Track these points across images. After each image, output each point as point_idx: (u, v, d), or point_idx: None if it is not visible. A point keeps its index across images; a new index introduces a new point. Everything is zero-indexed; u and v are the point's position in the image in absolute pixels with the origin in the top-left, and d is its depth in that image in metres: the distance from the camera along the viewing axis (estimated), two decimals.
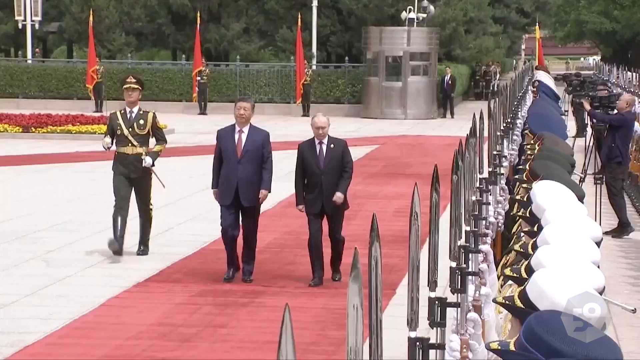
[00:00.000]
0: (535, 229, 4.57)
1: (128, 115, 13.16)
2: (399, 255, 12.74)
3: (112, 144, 13.11)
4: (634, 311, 9.24)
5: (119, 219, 12.87)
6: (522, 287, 3.17)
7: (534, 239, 4.15)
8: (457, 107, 45.44)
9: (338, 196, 11.68)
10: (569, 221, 4.20)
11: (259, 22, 51.32)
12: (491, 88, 51.99)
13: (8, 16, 49.33)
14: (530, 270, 3.55)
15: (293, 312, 8.97)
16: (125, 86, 13.36)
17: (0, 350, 9.57)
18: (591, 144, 18.82)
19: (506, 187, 8.16)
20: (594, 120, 17.71)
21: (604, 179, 16.52)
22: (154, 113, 13.50)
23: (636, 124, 18.21)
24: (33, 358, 9.45)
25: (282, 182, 21.62)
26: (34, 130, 31.49)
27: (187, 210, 17.19)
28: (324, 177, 11.69)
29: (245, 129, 11.88)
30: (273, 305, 11.14)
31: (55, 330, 10.25)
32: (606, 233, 16.43)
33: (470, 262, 4.42)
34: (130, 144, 13.02)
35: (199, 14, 45.56)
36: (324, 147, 11.78)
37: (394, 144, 31.32)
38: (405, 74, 43.08)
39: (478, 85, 56.39)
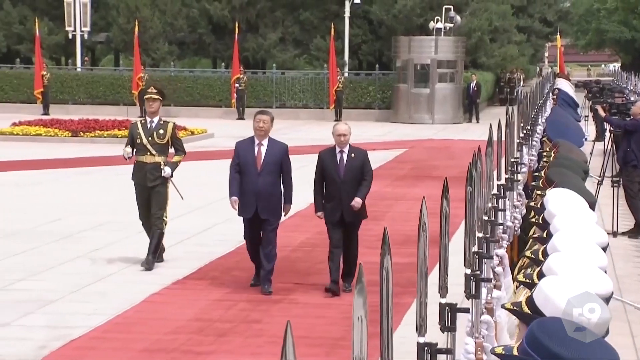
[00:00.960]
0: (545, 235, 4.54)
1: (148, 125, 12.69)
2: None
3: (132, 153, 12.72)
4: None
5: (150, 230, 12.72)
6: (530, 294, 3.16)
7: (544, 246, 4.12)
8: (482, 112, 45.28)
9: (356, 200, 11.13)
10: (576, 228, 4.17)
11: (294, 32, 51.37)
12: (515, 94, 51.76)
13: (59, 27, 49.62)
14: (541, 277, 3.49)
15: (323, 309, 9.07)
16: (146, 96, 12.93)
17: (47, 344, 9.62)
18: (609, 147, 18.69)
19: (523, 193, 8.07)
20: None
21: (621, 182, 16.46)
22: (173, 123, 13.04)
23: None
24: (77, 351, 9.44)
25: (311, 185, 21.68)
26: (82, 134, 31.63)
27: (222, 211, 17.12)
28: (343, 186, 11.13)
29: (265, 142, 11.37)
30: (304, 302, 11.17)
31: (98, 325, 10.29)
32: (623, 233, 16.39)
33: (483, 268, 4.41)
34: (149, 153, 12.58)
35: (237, 25, 45.63)
36: (345, 156, 11.20)
37: (422, 147, 31.23)
38: (433, 81, 42.97)
39: (502, 92, 56.07)
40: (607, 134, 19.91)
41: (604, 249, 4.20)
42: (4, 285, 11.81)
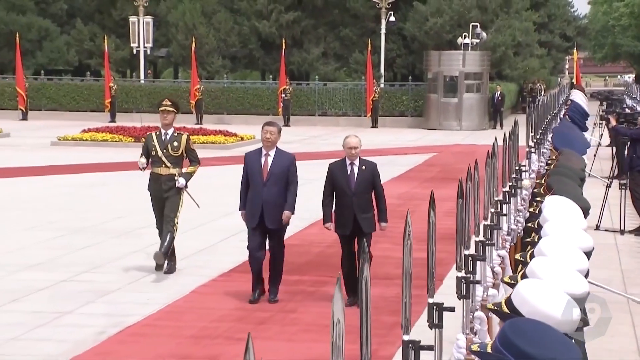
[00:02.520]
0: (537, 239, 4.54)
1: (163, 137, 11.81)
2: (446, 250, 12.58)
3: (147, 164, 11.85)
4: None
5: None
6: (509, 295, 3.17)
7: (532, 249, 4.13)
8: (506, 120, 45.04)
9: (384, 226, 10.40)
10: (562, 234, 4.16)
11: (335, 47, 51.42)
12: (537, 103, 51.52)
13: (125, 44, 50.02)
14: (524, 279, 3.49)
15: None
16: (160, 109, 11.95)
17: (105, 330, 9.65)
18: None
19: (527, 198, 8.00)
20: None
21: (627, 185, 16.36)
22: (187, 135, 12.06)
23: None
24: (132, 337, 9.47)
25: None
26: (143, 140, 31.77)
27: None
28: (355, 198, 10.16)
29: (272, 152, 10.50)
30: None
31: (151, 314, 10.29)
32: (629, 231, 16.26)
33: (480, 269, 4.41)
34: (163, 165, 11.73)
35: (284, 41, 45.78)
36: (355, 169, 10.24)
37: (450, 152, 31.12)
38: (461, 91, 42.89)
39: (525, 101, 55.72)
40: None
41: (589, 253, 4.20)
42: (69, 277, 11.88)
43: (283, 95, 42.70)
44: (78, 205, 17.86)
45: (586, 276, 4.26)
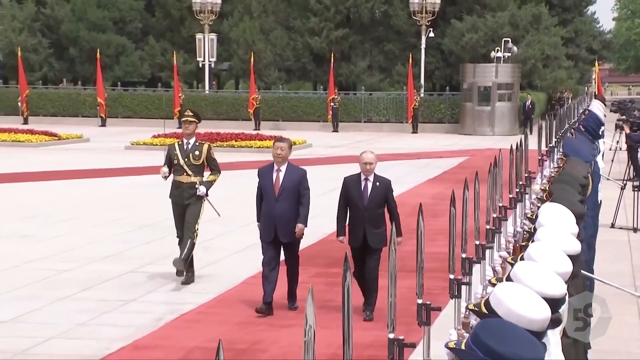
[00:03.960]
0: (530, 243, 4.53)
1: (185, 147, 11.15)
2: (471, 246, 12.58)
3: (169, 173, 11.16)
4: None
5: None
6: (487, 296, 3.18)
7: (522, 253, 4.13)
8: (535, 126, 44.76)
9: (399, 240, 9.28)
10: (550, 239, 4.16)
11: (380, 60, 51.39)
12: (555, 113, 51.12)
13: (192, 58, 50.40)
14: (509, 281, 3.50)
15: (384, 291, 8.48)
16: (183, 119, 11.36)
17: (163, 317, 9.79)
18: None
19: (536, 202, 7.88)
20: None
21: None
22: (209, 145, 11.40)
23: None
24: (186, 323, 9.58)
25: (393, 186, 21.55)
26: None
27: (312, 208, 17.12)
28: (366, 213, 9.45)
29: (283, 168, 9.82)
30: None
31: (204, 302, 10.42)
32: None
33: (482, 269, 4.42)
34: (185, 173, 11.07)
35: (333, 55, 45.87)
36: (369, 184, 9.53)
37: (482, 155, 30.87)
38: (494, 100, 42.63)
39: (554, 108, 55.27)
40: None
41: (575, 256, 4.18)
42: (134, 268, 12.05)
43: (332, 104, 42.74)
44: (145, 203, 18.02)
45: (572, 277, 4.27)
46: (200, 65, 48.91)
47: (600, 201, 16.93)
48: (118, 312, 9.99)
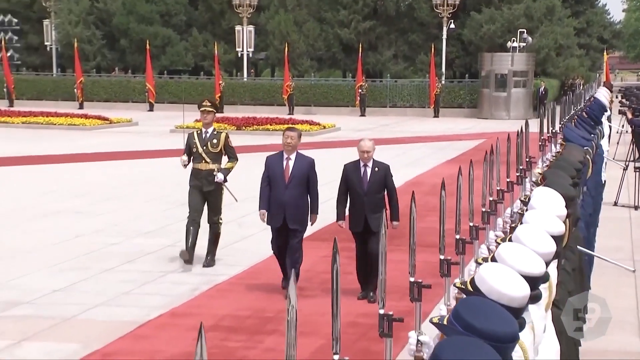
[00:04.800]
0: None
1: (203, 135, 10.74)
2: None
3: (188, 161, 10.84)
4: (634, 271, 8.99)
5: (191, 229, 10.69)
6: (473, 275, 3.22)
7: (511, 235, 4.14)
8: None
9: (395, 224, 9.14)
10: (537, 221, 4.18)
11: (404, 50, 51.14)
12: (567, 97, 50.62)
13: (231, 48, 50.43)
14: (494, 261, 3.52)
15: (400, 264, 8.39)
16: (201, 109, 10.84)
17: (198, 287, 9.89)
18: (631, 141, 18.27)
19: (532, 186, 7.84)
20: None
21: None
22: (226, 133, 10.96)
23: None
24: (219, 292, 9.70)
25: (412, 168, 21.52)
26: (244, 128, 32.08)
27: (334, 189, 17.02)
28: (366, 198, 9.08)
29: (293, 156, 9.41)
30: (388, 259, 11.07)
31: (236, 274, 10.50)
32: None
33: (476, 250, 4.44)
34: (203, 161, 10.68)
35: (361, 45, 45.70)
36: (368, 170, 9.17)
37: (497, 138, 30.78)
38: (509, 87, 42.32)
39: (566, 94, 54.67)
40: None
41: (558, 237, 4.20)
42: (173, 242, 12.08)
43: (360, 90, 42.64)
44: (186, 183, 18.07)
45: (556, 257, 4.29)
46: (239, 55, 48.96)
47: (604, 181, 16.85)
48: (158, 283, 10.11)
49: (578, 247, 7.15)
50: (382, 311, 3.17)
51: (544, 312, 4.04)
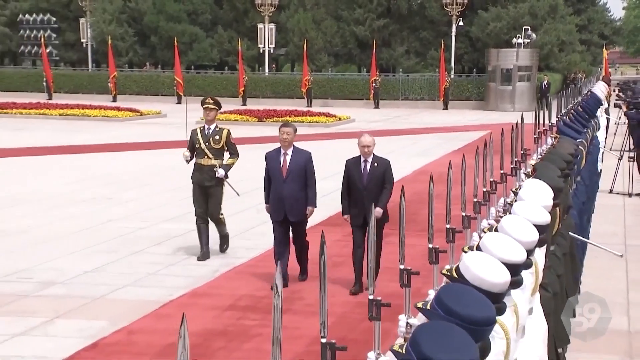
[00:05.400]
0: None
1: (206, 132, 10.42)
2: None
3: (190, 157, 10.54)
4: (621, 256, 8.96)
5: (202, 227, 10.46)
6: (458, 263, 3.25)
7: (497, 226, 4.15)
8: (553, 103, 44.26)
9: (377, 211, 8.67)
10: (523, 211, 4.20)
11: (416, 46, 50.98)
12: (581, 90, 50.32)
13: (254, 45, 50.44)
14: (479, 250, 3.54)
15: (411, 248, 8.25)
16: (204, 106, 10.47)
17: (219, 269, 9.94)
18: (626, 132, 18.17)
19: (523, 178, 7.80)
20: None
21: (635, 158, 16.03)
22: (228, 130, 10.59)
23: None
24: (238, 275, 9.72)
25: (422, 157, 21.47)
26: (265, 119, 32.10)
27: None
28: (366, 192, 8.73)
29: (289, 151, 9.11)
30: (395, 242, 11.03)
31: (255, 256, 10.52)
32: (637, 194, 15.94)
33: (468, 238, 4.46)
34: (206, 156, 10.37)
35: (375, 41, 45.58)
36: (369, 165, 8.85)
37: (502, 129, 30.65)
38: (514, 81, 42.08)
39: (568, 87, 54.33)
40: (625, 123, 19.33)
41: (542, 226, 4.21)
42: (195, 227, 12.23)
43: (374, 84, 42.56)
44: None
45: (539, 244, 4.31)
46: (261, 51, 48.95)
47: (601, 170, 16.79)
48: (181, 265, 10.16)
49: (570, 233, 7.17)
50: (371, 297, 3.19)
51: (528, 296, 4.08)
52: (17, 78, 48.80)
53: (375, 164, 8.85)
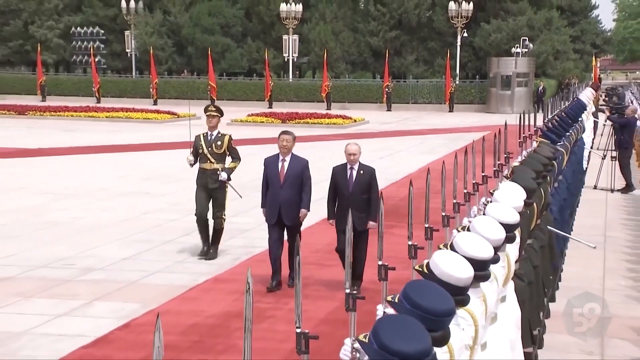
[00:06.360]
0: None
1: (209, 137, 10.00)
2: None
3: (194, 161, 10.10)
4: (594, 247, 8.93)
5: (201, 226, 10.04)
6: (428, 260, 3.30)
7: (469, 225, 4.17)
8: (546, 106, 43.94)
9: (371, 224, 8.24)
10: (493, 212, 4.22)
11: (424, 55, 50.74)
12: (572, 94, 49.94)
13: (280, 54, 50.38)
14: (452, 248, 3.54)
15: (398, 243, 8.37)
16: (207, 113, 10.05)
17: (239, 257, 10.02)
18: (609, 134, 18.08)
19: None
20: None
21: (617, 158, 15.96)
22: (229, 135, 10.14)
23: (638, 123, 17.37)
24: (257, 263, 9.56)
25: (428, 155, 21.42)
26: (288, 121, 32.07)
27: None
28: (351, 198, 8.19)
29: (288, 158, 8.66)
30: (401, 234, 10.98)
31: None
32: (618, 190, 15.87)
33: (447, 235, 4.48)
34: (208, 161, 9.96)
35: (387, 51, 45.47)
36: (354, 173, 8.31)
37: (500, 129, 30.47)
38: (513, 86, 41.89)
39: (562, 92, 53.80)
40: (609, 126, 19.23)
41: (511, 225, 4.22)
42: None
43: (386, 89, 42.52)
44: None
45: (509, 241, 4.34)
46: (286, 59, 48.99)
47: (586, 168, 16.72)
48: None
49: (548, 227, 7.18)
50: (347, 290, 3.23)
51: (497, 287, 4.11)
52: (69, 84, 49.21)
53: (361, 172, 8.35)
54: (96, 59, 48.98)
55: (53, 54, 54.91)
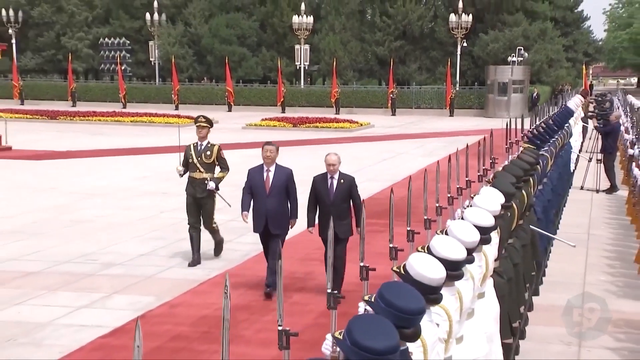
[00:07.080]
0: None
1: (198, 147, 9.61)
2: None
3: (183, 172, 9.72)
4: (574, 246, 8.95)
5: (194, 235, 9.65)
6: (405, 262, 3.34)
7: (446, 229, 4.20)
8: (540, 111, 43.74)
9: (358, 230, 7.16)
10: (470, 216, 4.26)
11: (427, 63, 50.66)
12: (561, 101, 49.75)
13: (291, 62, 50.43)
14: (429, 251, 3.57)
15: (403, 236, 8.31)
16: (197, 124, 9.67)
17: (249, 253, 10.01)
18: (594, 140, 18.03)
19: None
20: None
21: (602, 160, 15.93)
22: (218, 146, 9.72)
23: (622, 128, 17.30)
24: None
25: (428, 157, 21.44)
26: (299, 125, 32.24)
27: (368, 174, 17.20)
28: (332, 207, 7.83)
29: (272, 168, 8.27)
30: (395, 232, 11.01)
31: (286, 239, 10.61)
32: (602, 191, 15.84)
33: (428, 237, 4.50)
34: (198, 170, 9.56)
35: (392, 59, 45.44)
36: (335, 182, 7.92)
37: (497, 134, 30.40)
38: (509, 92, 41.73)
39: (556, 97, 53.59)
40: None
41: (486, 228, 4.25)
42: (233, 218, 12.01)
43: (391, 95, 42.47)
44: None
45: (483, 242, 4.38)
46: (298, 67, 49.03)
47: (573, 170, 16.68)
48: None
49: (531, 226, 7.20)
50: (329, 290, 3.28)
51: (473, 284, 4.15)
52: (97, 91, 49.47)
53: (342, 181, 7.93)
54: (122, 67, 49.20)
55: (83, 63, 55.26)
